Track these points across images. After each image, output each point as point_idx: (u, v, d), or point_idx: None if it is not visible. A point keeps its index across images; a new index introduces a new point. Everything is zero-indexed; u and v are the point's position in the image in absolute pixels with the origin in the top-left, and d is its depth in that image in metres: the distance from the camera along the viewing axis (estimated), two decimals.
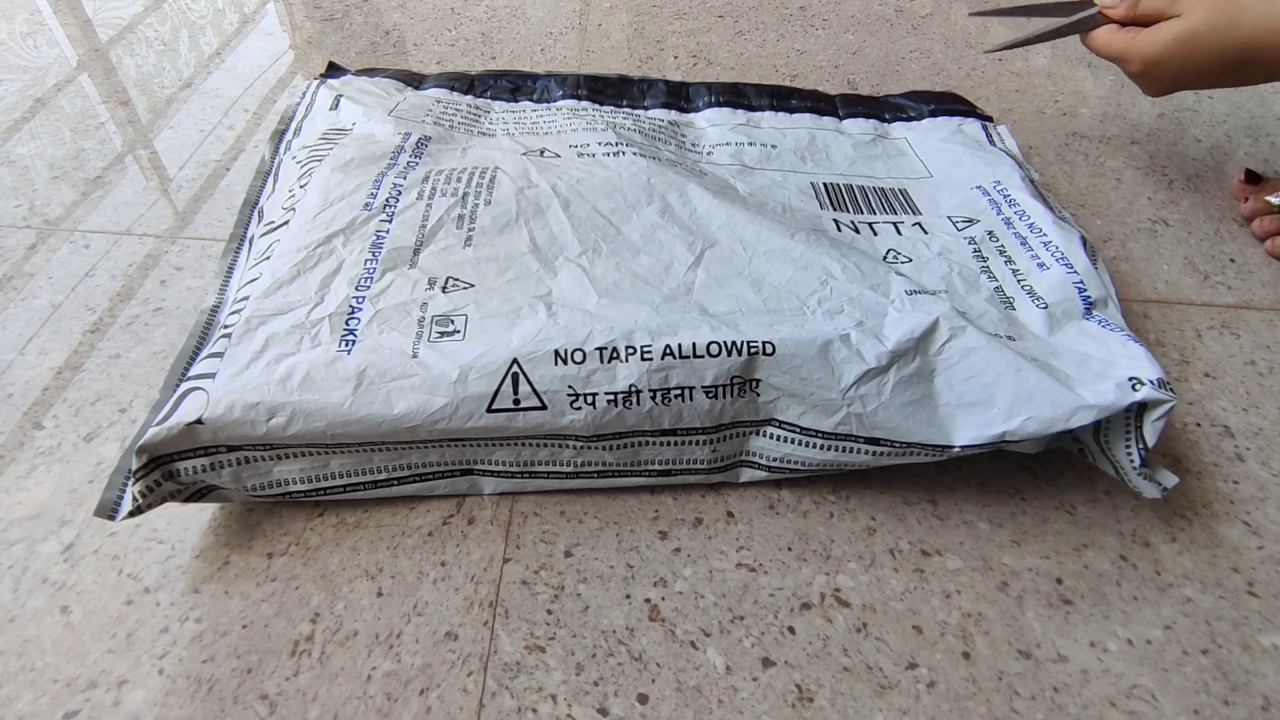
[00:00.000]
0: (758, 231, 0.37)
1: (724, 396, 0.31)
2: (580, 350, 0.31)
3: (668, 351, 0.31)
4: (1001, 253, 0.40)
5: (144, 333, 0.39)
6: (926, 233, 0.42)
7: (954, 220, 0.43)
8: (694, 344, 0.31)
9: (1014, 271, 0.39)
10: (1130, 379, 0.31)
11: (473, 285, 0.34)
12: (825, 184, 0.45)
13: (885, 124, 0.52)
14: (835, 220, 0.42)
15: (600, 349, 0.31)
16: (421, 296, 0.33)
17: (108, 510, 0.29)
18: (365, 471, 0.32)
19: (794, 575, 0.31)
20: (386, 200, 0.38)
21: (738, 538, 0.32)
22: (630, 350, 0.31)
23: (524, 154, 0.43)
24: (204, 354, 0.32)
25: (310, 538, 0.31)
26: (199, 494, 0.31)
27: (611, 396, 0.31)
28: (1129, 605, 0.31)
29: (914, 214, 0.43)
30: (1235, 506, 0.34)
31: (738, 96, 0.52)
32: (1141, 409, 0.31)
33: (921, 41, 0.65)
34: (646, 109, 0.51)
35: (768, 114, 0.51)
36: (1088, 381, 0.32)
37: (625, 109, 0.51)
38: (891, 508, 0.33)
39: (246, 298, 0.34)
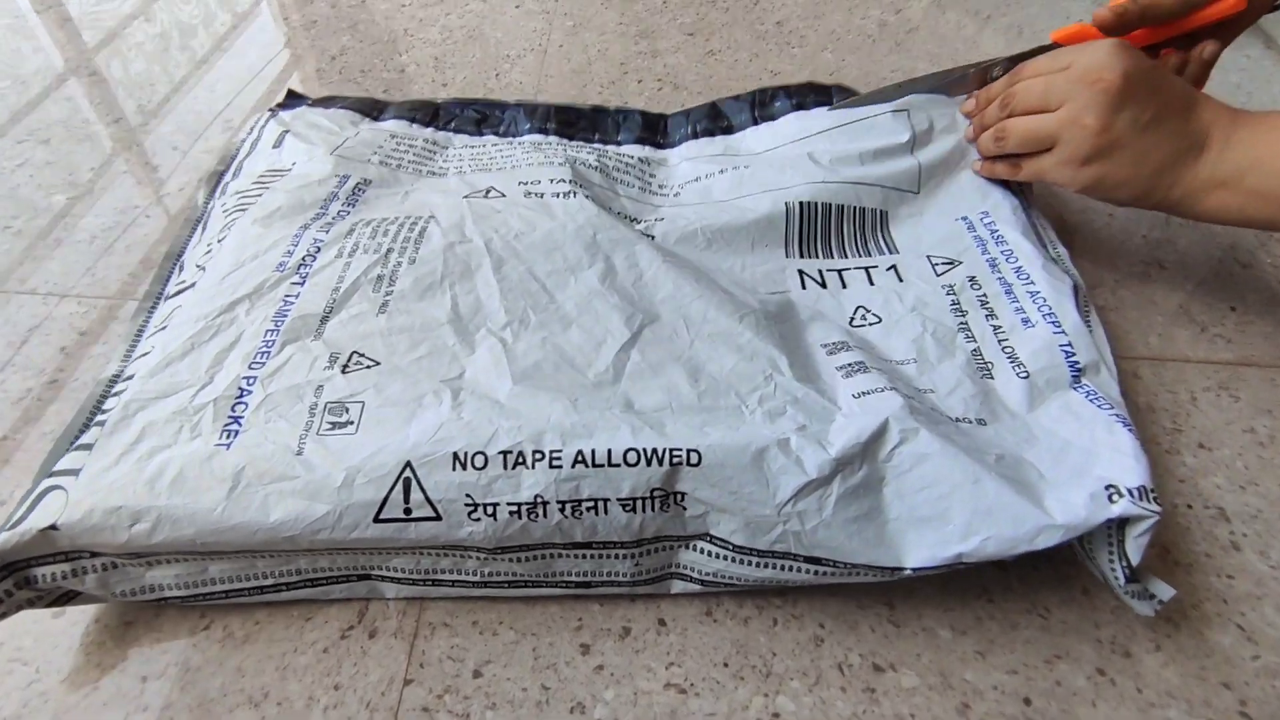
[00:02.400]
0: (705, 309, 0.34)
1: (644, 510, 0.28)
2: (482, 454, 0.28)
3: (579, 458, 0.27)
4: (983, 304, 0.37)
5: (34, 410, 0.36)
6: (901, 280, 0.38)
7: (933, 262, 0.39)
8: (609, 450, 0.28)
9: (995, 329, 0.36)
10: (1108, 487, 0.28)
11: (378, 363, 0.31)
12: (802, 203, 0.40)
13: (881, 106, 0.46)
14: (801, 272, 0.39)
15: (504, 452, 0.28)
16: (318, 378, 0.30)
17: None
18: (249, 577, 0.29)
19: (729, 697, 0.28)
20: (303, 259, 0.35)
21: (668, 651, 0.29)
22: (538, 456, 0.27)
23: (466, 196, 0.40)
24: (75, 444, 0.29)
25: (192, 656, 0.28)
26: (62, 599, 0.28)
27: (515, 508, 0.27)
28: None
29: (890, 253, 0.40)
30: (1229, 607, 0.31)
31: (716, 120, 0.49)
32: (1123, 521, 0.27)
33: (905, 60, 0.61)
34: (619, 144, 0.48)
35: (749, 131, 0.48)
36: (1061, 483, 0.29)
37: (596, 143, 0.47)
38: (843, 613, 0.30)
39: (131, 376, 0.31)
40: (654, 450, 0.28)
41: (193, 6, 0.68)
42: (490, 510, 0.27)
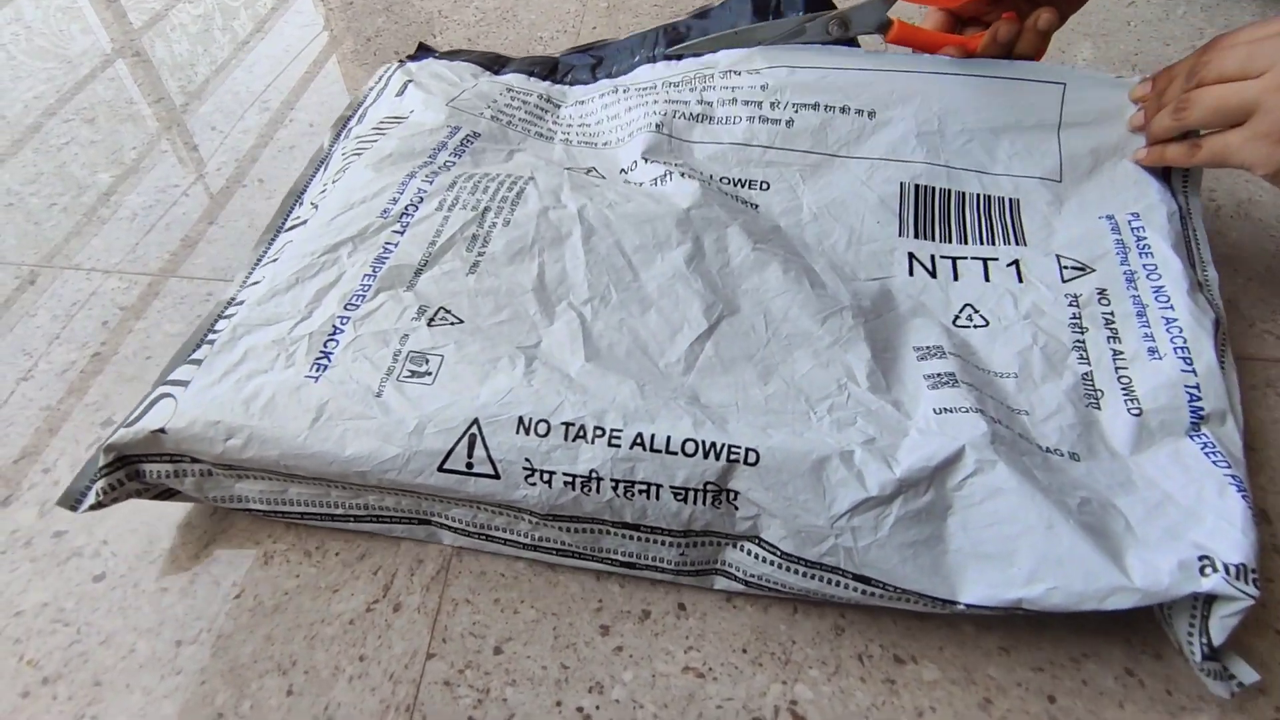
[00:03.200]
0: (787, 306, 0.33)
1: (695, 502, 0.28)
2: (545, 422, 0.28)
3: (638, 441, 0.28)
4: (1108, 323, 0.33)
5: (78, 382, 0.37)
6: (1021, 280, 0.36)
7: (1062, 264, 0.36)
8: (669, 437, 0.28)
9: (1115, 354, 0.32)
10: (1202, 557, 0.26)
11: (461, 321, 0.32)
12: (919, 185, 0.39)
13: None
14: (911, 254, 0.37)
15: (567, 424, 0.28)
16: (405, 327, 0.32)
17: (71, 500, 0.30)
18: (322, 504, 0.31)
19: (746, 683, 0.28)
20: (406, 208, 0.36)
21: (687, 635, 0.29)
22: (599, 432, 0.28)
23: (568, 169, 0.40)
24: (189, 358, 0.32)
25: (223, 623, 0.29)
26: (165, 494, 0.31)
27: (569, 479, 0.28)
28: None
29: (1016, 244, 0.37)
30: (1267, 611, 0.30)
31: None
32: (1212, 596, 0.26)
33: None
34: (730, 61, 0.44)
35: (870, 58, 0.42)
36: (1150, 542, 0.27)
37: (702, 72, 0.44)
38: (864, 603, 0.30)
39: (242, 303, 0.34)
40: (713, 444, 0.27)
41: None
42: (546, 477, 0.28)
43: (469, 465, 0.28)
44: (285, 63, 0.59)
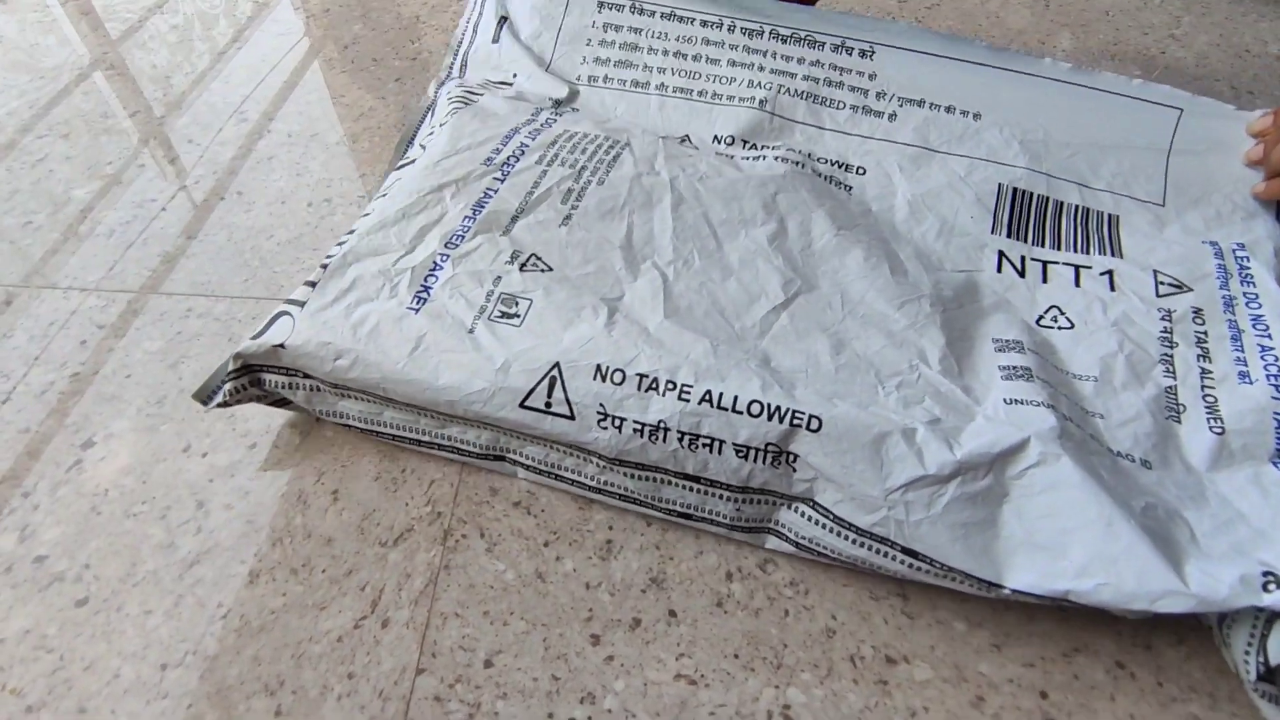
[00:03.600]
0: (865, 290, 0.34)
1: (755, 460, 0.29)
2: (621, 371, 0.30)
3: (706, 397, 0.29)
4: (1200, 342, 0.33)
5: (57, 403, 0.37)
6: (1113, 289, 0.35)
7: (1159, 279, 0.35)
8: (736, 397, 0.29)
9: (1204, 372, 0.32)
10: (1266, 574, 0.25)
11: (551, 269, 0.34)
12: (1017, 189, 0.39)
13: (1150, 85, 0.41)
14: (1001, 252, 0.37)
15: (641, 375, 0.30)
16: (499, 269, 0.34)
17: (204, 396, 0.34)
18: (413, 430, 0.33)
19: (739, 689, 0.28)
20: (508, 159, 0.39)
21: (679, 642, 0.29)
22: (670, 385, 0.30)
23: (663, 137, 0.41)
24: (307, 280, 0.34)
25: (209, 645, 0.29)
26: (279, 403, 0.35)
27: (639, 426, 0.30)
28: None
29: (1112, 255, 0.37)
30: None
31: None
32: (1276, 616, 0.25)
33: None
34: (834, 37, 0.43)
35: (980, 51, 0.42)
36: (1214, 555, 0.26)
37: (815, 31, 0.44)
38: (856, 604, 0.30)
39: (354, 231, 0.36)
40: (777, 408, 0.29)
41: None
42: (617, 423, 0.30)
43: (547, 404, 0.30)
44: (263, 73, 0.59)
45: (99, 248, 0.45)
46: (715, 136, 0.43)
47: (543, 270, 0.34)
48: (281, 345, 0.32)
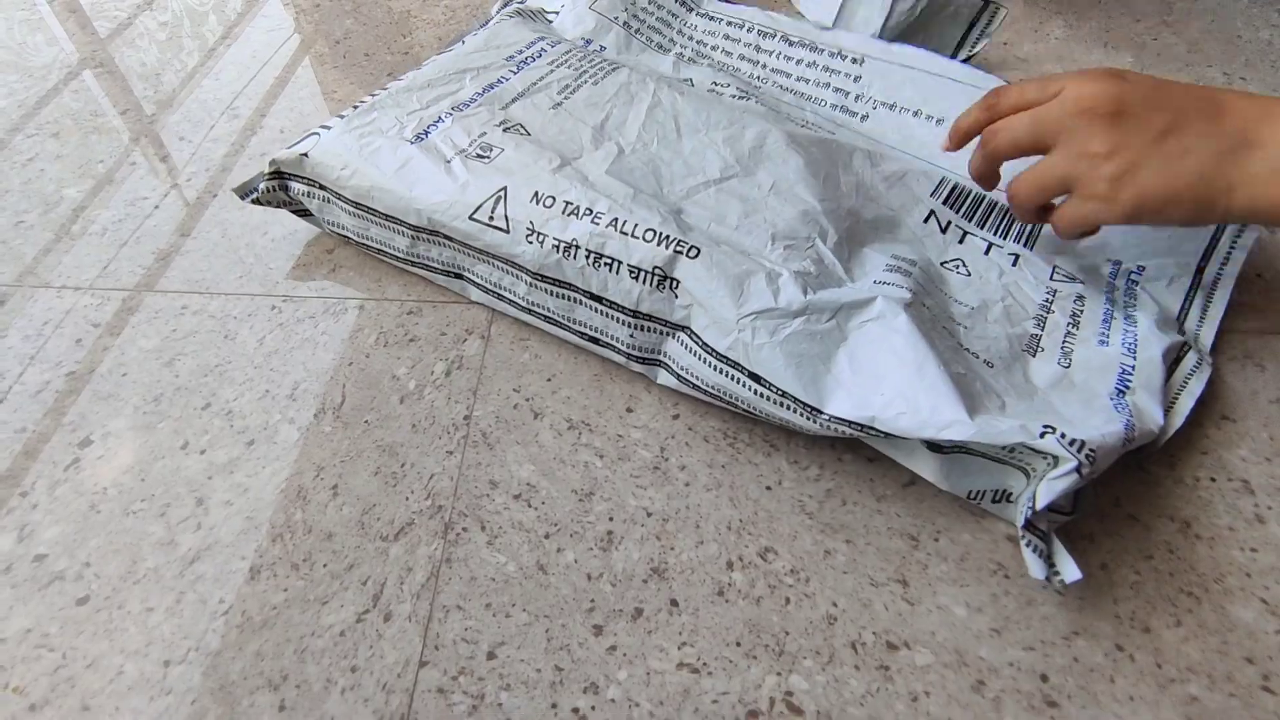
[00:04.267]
0: (795, 183, 0.38)
1: (644, 283, 0.34)
2: (552, 198, 0.36)
3: (612, 223, 0.34)
4: (1074, 315, 0.36)
5: (53, 402, 0.37)
6: (1015, 265, 0.38)
7: (1058, 270, 0.38)
8: (636, 224, 0.34)
9: (1068, 334, 0.35)
10: (1046, 426, 0.28)
11: (530, 135, 0.40)
12: (956, 186, 0.41)
13: None
14: (933, 212, 0.40)
15: (568, 202, 0.35)
16: (486, 128, 0.40)
17: (243, 192, 0.43)
18: (389, 245, 0.40)
19: (741, 676, 0.28)
20: (525, 59, 0.46)
21: (681, 631, 0.29)
22: (587, 212, 0.35)
23: (663, 78, 0.46)
24: (339, 114, 0.42)
25: (212, 641, 0.29)
26: (300, 212, 0.43)
27: (556, 243, 0.35)
28: (1124, 707, 0.27)
29: (1025, 245, 0.39)
30: (1252, 580, 0.30)
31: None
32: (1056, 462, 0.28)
33: None
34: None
35: (958, 70, 0.47)
36: (1008, 414, 0.30)
37: (817, 42, 0.51)
38: (856, 590, 0.30)
39: (386, 89, 0.44)
40: (667, 236, 0.34)
41: None
42: (540, 239, 0.35)
43: (490, 218, 0.36)
44: (254, 69, 0.59)
45: (92, 246, 0.45)
46: (713, 84, 0.48)
47: (522, 134, 0.39)
48: (306, 155, 0.40)
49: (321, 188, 0.40)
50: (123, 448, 0.35)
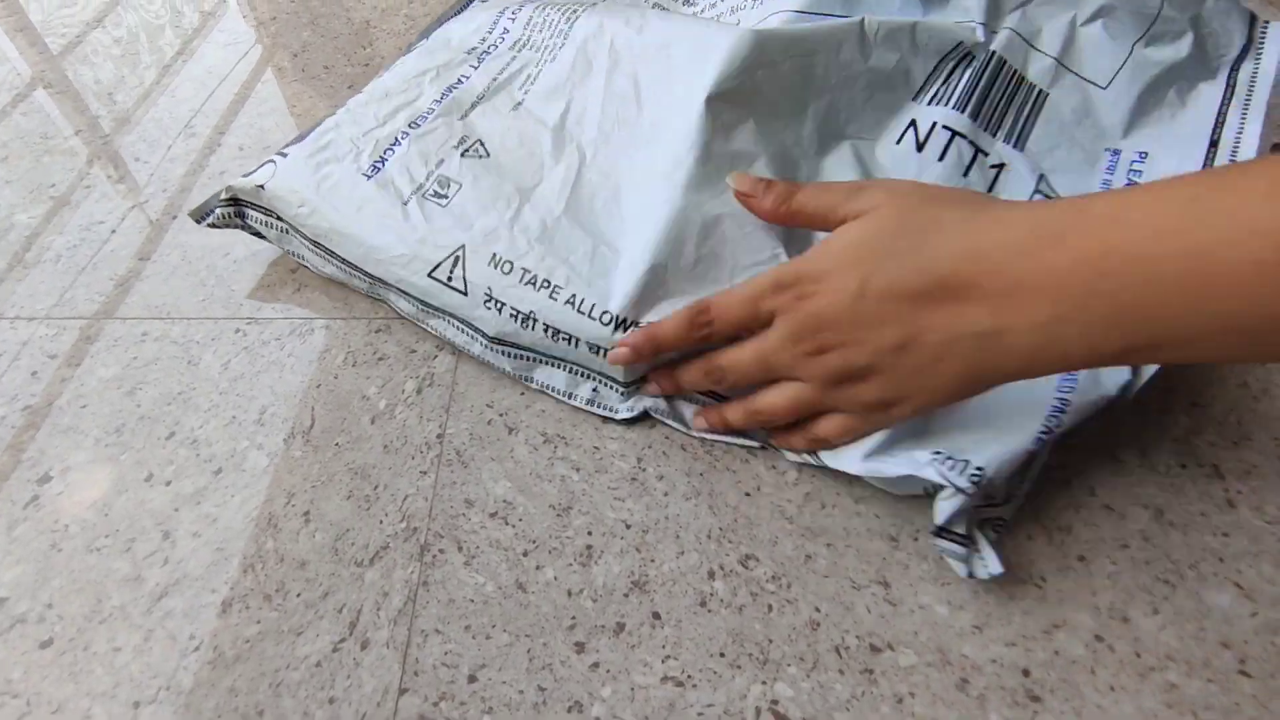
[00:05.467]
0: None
1: (603, 355, 0.34)
2: (510, 263, 0.35)
3: (569, 300, 0.34)
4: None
5: (10, 436, 0.35)
6: (992, 188, 0.37)
7: (1040, 185, 0.37)
8: (592, 304, 0.33)
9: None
10: (934, 451, 0.30)
11: (489, 155, 0.38)
12: (969, 52, 0.39)
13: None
14: (914, 121, 0.37)
15: (525, 270, 0.34)
16: (444, 153, 0.38)
17: (199, 215, 0.41)
18: (351, 284, 0.40)
19: (726, 687, 0.28)
20: (489, 47, 0.44)
21: (664, 644, 0.29)
22: (545, 284, 0.34)
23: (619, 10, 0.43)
24: (296, 138, 0.41)
25: (183, 679, 0.28)
26: (258, 235, 0.41)
27: (515, 313, 0.34)
28: (1105, 698, 0.27)
29: (1014, 146, 0.38)
30: (1225, 565, 0.30)
31: None
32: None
33: None
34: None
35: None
36: (900, 442, 0.31)
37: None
38: (838, 594, 0.30)
39: (345, 106, 0.42)
40: (621, 319, 0.33)
41: (158, 5, 0.67)
42: (499, 306, 0.35)
43: (449, 278, 0.35)
44: (212, 85, 0.57)
45: (47, 274, 0.43)
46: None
47: (480, 156, 0.38)
48: (262, 186, 0.38)
49: (279, 218, 0.39)
50: (84, 482, 0.34)
